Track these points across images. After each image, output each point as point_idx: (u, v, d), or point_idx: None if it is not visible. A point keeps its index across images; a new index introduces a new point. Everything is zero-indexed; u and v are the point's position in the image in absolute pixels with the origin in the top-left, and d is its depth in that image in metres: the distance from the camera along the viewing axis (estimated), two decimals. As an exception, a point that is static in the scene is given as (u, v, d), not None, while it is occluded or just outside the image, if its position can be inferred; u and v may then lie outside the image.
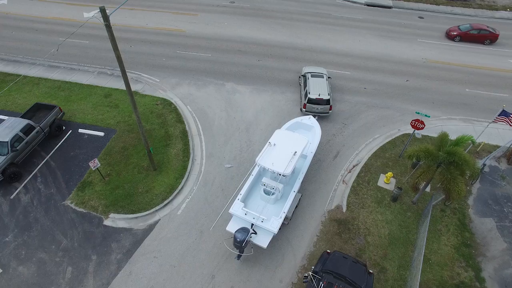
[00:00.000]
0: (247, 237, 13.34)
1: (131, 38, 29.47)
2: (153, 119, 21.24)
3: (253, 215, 14.05)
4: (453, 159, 13.11)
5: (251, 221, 14.07)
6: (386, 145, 19.98)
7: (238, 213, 14.26)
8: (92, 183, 17.60)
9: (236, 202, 14.62)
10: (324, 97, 20.49)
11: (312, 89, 20.90)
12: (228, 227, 14.48)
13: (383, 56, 27.58)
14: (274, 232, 13.88)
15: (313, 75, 22.23)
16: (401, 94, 23.84)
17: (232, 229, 14.16)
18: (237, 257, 14.32)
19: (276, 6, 34.75)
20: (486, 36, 29.45)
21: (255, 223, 14.04)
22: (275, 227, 13.83)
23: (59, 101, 22.63)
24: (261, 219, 13.89)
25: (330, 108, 20.81)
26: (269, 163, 14.45)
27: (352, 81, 24.70)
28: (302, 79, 22.92)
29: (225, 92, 23.51)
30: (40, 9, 34.28)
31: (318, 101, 20.46)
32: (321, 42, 28.96)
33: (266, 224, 13.91)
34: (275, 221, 13.95)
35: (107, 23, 12.20)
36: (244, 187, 15.29)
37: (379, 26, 31.83)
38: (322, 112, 20.89)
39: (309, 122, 18.87)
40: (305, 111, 21.02)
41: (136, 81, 24.51)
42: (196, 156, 19.23)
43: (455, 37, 29.98)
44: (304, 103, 20.82)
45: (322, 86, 21.24)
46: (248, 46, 28.31)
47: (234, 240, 13.47)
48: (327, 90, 20.97)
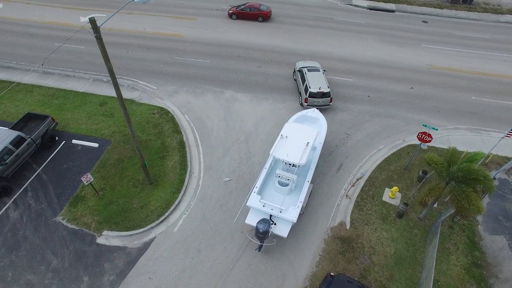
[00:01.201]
0: (269, 228, 13.63)
1: (128, 43, 28.76)
2: (149, 129, 20.52)
3: (271, 206, 14.31)
4: (467, 177, 12.37)
5: (269, 212, 14.31)
6: (391, 157, 19.24)
7: (256, 206, 14.46)
8: (85, 198, 16.88)
9: (252, 195, 14.77)
10: (325, 90, 21.05)
11: (312, 83, 21.27)
12: (247, 220, 14.61)
13: (387, 62, 26.86)
14: (293, 221, 14.16)
15: (310, 69, 22.58)
16: (406, 102, 23.11)
17: (251, 222, 14.36)
18: (258, 248, 14.62)
19: (277, 11, 34.02)
20: (257, 14, 31.58)
21: (273, 214, 14.29)
22: (293, 217, 14.16)
23: (52, 110, 21.92)
24: (279, 209, 14.15)
25: (330, 100, 21.36)
26: (284, 154, 14.90)
27: (355, 89, 23.97)
28: (298, 74, 23.12)
29: (224, 101, 22.79)
30: (36, 13, 33.58)
31: (319, 94, 20.96)
32: (323, 48, 28.24)
33: (284, 214, 14.16)
34: (293, 211, 14.30)
35: (97, 35, 11.44)
36: (258, 180, 15.46)
37: (382, 31, 31.11)
38: (323, 105, 21.37)
39: (314, 114, 19.26)
40: (306, 105, 21.37)
41: (132, 89, 23.80)
42: (194, 168, 18.50)
43: (231, 15, 32.20)
44: (305, 97, 21.23)
45: (321, 79, 21.73)
46: (248, 52, 27.60)
47: (257, 232, 13.73)
48: (326, 83, 21.49)
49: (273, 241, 14.64)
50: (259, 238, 14.00)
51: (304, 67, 23.03)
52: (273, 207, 14.26)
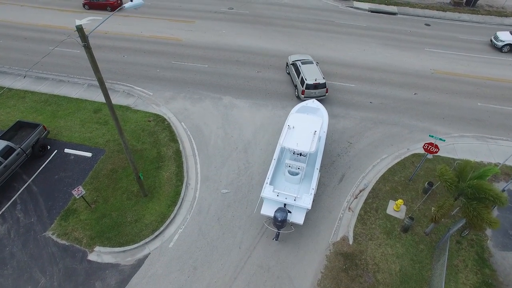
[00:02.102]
0: (287, 215, 13.99)
1: (124, 47, 28.08)
2: (144, 137, 19.82)
3: (285, 195, 14.57)
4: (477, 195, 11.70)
5: (283, 201, 14.55)
6: (395, 167, 18.56)
7: (270, 196, 14.69)
8: (77, 211, 16.18)
9: (266, 186, 15.00)
10: (321, 81, 21.56)
11: (307, 76, 21.76)
12: (262, 211, 14.83)
13: (390, 66, 26.18)
14: (308, 208, 14.47)
15: (304, 62, 23.08)
16: (409, 108, 22.43)
17: (267, 212, 14.67)
18: (276, 237, 14.92)
19: (277, 13, 33.37)
20: (106, 4, 33.00)
21: (288, 203, 14.53)
22: (308, 203, 14.46)
23: (45, 117, 21.23)
24: (293, 198, 14.44)
25: (326, 91, 21.92)
26: (294, 144, 15.17)
27: (357, 95, 23.29)
28: (292, 68, 23.51)
29: (222, 107, 22.09)
30: (30, 15, 32.92)
31: (315, 85, 21.47)
32: (324, 52, 27.56)
33: (299, 202, 14.43)
34: (307, 198, 14.60)
35: (85, 44, 10.74)
36: (269, 171, 15.73)
37: (384, 34, 30.44)
38: (320, 96, 21.87)
39: (314, 105, 19.51)
40: (304, 97, 21.72)
41: (128, 95, 23.11)
42: (190, 179, 17.80)
43: (84, 5, 33.49)
44: (302, 89, 21.67)
45: (315, 71, 22.26)
46: (247, 56, 26.91)
47: (275, 221, 14.00)
48: (321, 74, 22.02)
49: (291, 228, 15.08)
50: (278, 227, 14.28)
51: (297, 60, 23.45)
52: (287, 196, 14.56)
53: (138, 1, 11.52)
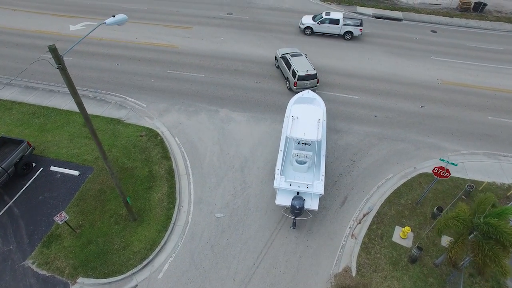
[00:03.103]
0: (304, 202, 14.33)
1: (118, 54, 27.00)
2: (135, 154, 18.74)
3: (297, 184, 14.97)
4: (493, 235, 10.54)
5: (296, 190, 14.91)
6: (401, 188, 17.41)
7: (283, 186, 14.98)
8: (61, 237, 15.11)
9: (277, 177, 15.27)
10: (312, 72, 22.02)
11: (298, 68, 22.07)
12: (277, 201, 15.07)
13: (395, 76, 25.01)
14: (321, 193, 14.93)
15: (293, 55, 23.44)
16: (416, 123, 21.27)
17: (281, 202, 14.94)
18: (293, 225, 15.42)
19: (278, 19, 32.22)
20: None
21: (300, 191, 14.90)
22: (320, 189, 14.88)
23: (32, 131, 20.18)
24: (306, 185, 14.88)
25: (317, 81, 22.44)
26: (301, 133, 15.76)
27: (361, 108, 22.13)
28: (282, 61, 23.82)
29: (219, 121, 20.98)
30: (23, 20, 31.87)
31: (307, 77, 21.88)
32: (326, 60, 26.40)
33: (312, 189, 14.84)
34: (319, 184, 15.02)
35: (60, 66, 9.64)
36: (278, 162, 15.98)
37: (389, 42, 29.26)
38: (312, 86, 22.17)
39: (310, 95, 19.75)
40: (296, 89, 21.99)
41: (120, 107, 22.03)
42: (183, 201, 16.71)
43: None
44: (294, 81, 22.04)
45: (306, 63, 22.64)
46: (245, 65, 25.78)
47: (293, 209, 14.36)
48: (311, 66, 22.41)
49: (309, 215, 15.33)
50: (296, 214, 14.64)
51: (286, 53, 23.89)
52: (300, 184, 14.95)
53: (120, 16, 10.42)
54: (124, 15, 10.61)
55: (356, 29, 28.37)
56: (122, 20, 10.44)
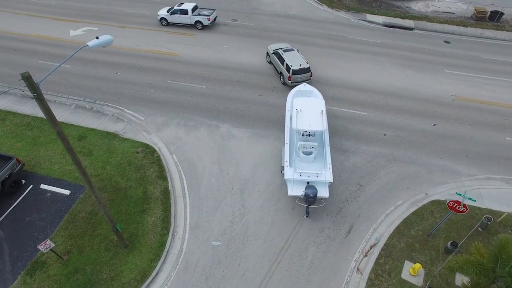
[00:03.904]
0: (317, 191, 14.76)
1: (118, 62, 26.14)
2: (130, 173, 17.80)
3: (307, 173, 15.45)
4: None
5: (307, 179, 15.40)
6: (411, 217, 16.22)
7: (293, 177, 15.39)
8: (46, 265, 14.21)
9: (287, 169, 15.72)
10: (305, 66, 22.65)
11: (292, 62, 22.64)
12: (289, 192, 15.45)
13: (406, 91, 23.75)
14: (331, 181, 15.41)
15: (285, 50, 24.00)
16: (428, 143, 20.02)
17: (293, 193, 15.33)
18: (306, 214, 15.97)
19: (283, 26, 31.12)
20: None
21: (310, 180, 15.39)
22: (329, 177, 15.40)
23: (24, 144, 19.38)
24: (315, 175, 15.39)
25: (310, 75, 23.11)
26: (307, 125, 16.18)
27: (370, 125, 20.95)
28: (275, 57, 24.32)
29: (219, 137, 19.96)
30: (24, 24, 31.24)
31: (300, 70, 22.48)
32: (334, 72, 25.25)
33: (321, 177, 15.35)
34: (327, 172, 15.51)
35: (36, 95, 8.68)
36: (285, 154, 16.47)
37: (400, 53, 27.98)
38: (305, 80, 22.72)
39: (307, 88, 20.39)
40: (291, 83, 22.68)
41: (117, 119, 21.13)
42: (178, 227, 15.72)
43: None
44: (289, 75, 22.57)
45: (298, 57, 23.22)
46: (249, 76, 24.73)
47: (307, 197, 14.80)
48: (304, 60, 23.06)
49: (322, 202, 15.70)
50: (310, 203, 15.06)
51: (278, 49, 24.37)
52: (309, 174, 15.43)
53: (104, 38, 9.43)
54: (109, 36, 9.60)
55: (205, 18, 29.68)
56: (106, 42, 9.46)
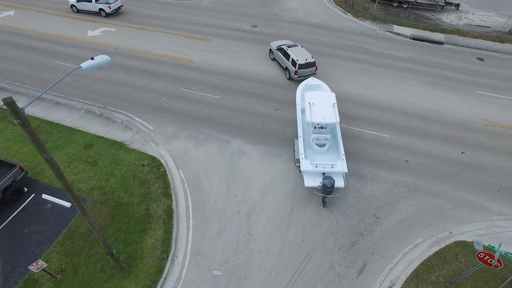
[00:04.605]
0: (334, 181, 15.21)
1: (132, 66, 25.58)
2: (134, 187, 17.06)
3: (323, 165, 15.87)
4: None
5: (322, 171, 15.82)
6: (432, 259, 14.74)
7: (309, 168, 15.86)
8: (38, 283, 13.59)
9: (303, 161, 16.15)
10: (311, 60, 23.23)
11: (298, 57, 23.22)
12: (306, 184, 15.85)
13: (432, 112, 22.08)
14: (346, 171, 15.82)
15: (289, 46, 24.60)
16: (454, 173, 18.38)
17: (310, 184, 15.77)
18: (323, 203, 16.29)
19: (305, 35, 29.84)
20: None
21: (326, 171, 15.82)
22: (344, 167, 15.84)
23: (31, 149, 18.97)
24: (331, 165, 15.81)
25: (316, 68, 23.72)
26: (320, 118, 16.57)
27: (391, 149, 19.48)
28: (279, 53, 24.84)
29: (229, 154, 18.97)
30: (44, 23, 31.24)
31: (307, 65, 23.12)
32: (355, 88, 23.82)
33: (336, 168, 15.79)
34: (342, 163, 15.97)
35: (20, 121, 7.87)
36: (299, 147, 16.82)
37: (428, 69, 26.22)
38: (311, 74, 23.54)
39: (315, 82, 20.81)
40: (297, 77, 23.35)
41: (125, 128, 20.47)
42: (179, 251, 14.82)
43: None
44: (295, 70, 23.11)
45: (303, 52, 23.83)
46: (265, 88, 23.63)
47: (325, 188, 15.23)
48: (309, 54, 23.64)
49: (339, 192, 16.27)
50: (328, 193, 15.49)
51: (282, 45, 24.97)
52: (325, 165, 15.84)
53: (100, 59, 8.57)
54: (107, 56, 8.77)
55: (106, 6, 30.97)
56: (102, 63, 8.61)
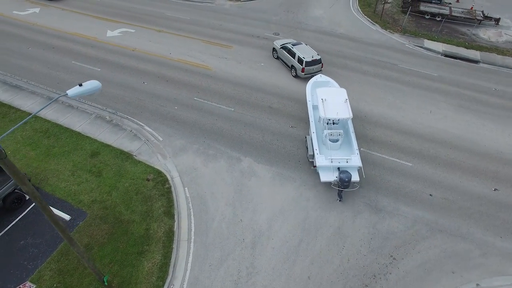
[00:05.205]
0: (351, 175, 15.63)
1: (147, 70, 24.98)
2: (136, 204, 16.27)
3: (338, 160, 16.28)
4: None
5: (337, 165, 16.24)
6: (454, 314, 13.18)
7: (325, 163, 16.27)
8: (28, 303, 13.00)
9: (318, 156, 16.53)
10: (317, 57, 23.54)
11: (304, 54, 23.50)
12: (322, 179, 16.30)
13: (462, 141, 20.24)
14: (360, 165, 16.27)
15: (294, 44, 24.84)
16: (485, 213, 16.60)
17: (326, 179, 16.22)
18: (340, 197, 16.52)
19: (329, 46, 28.40)
20: None
21: (341, 166, 16.23)
22: (359, 162, 16.31)
23: (38, 153, 18.58)
24: (345, 160, 16.24)
25: (321, 65, 23.95)
26: (334, 113, 16.72)
27: (414, 180, 17.87)
28: (284, 51, 25.01)
29: (239, 173, 17.91)
30: (66, 21, 31.30)
31: (313, 62, 23.37)
32: (378, 108, 22.25)
33: (351, 163, 16.26)
34: (356, 157, 16.41)
35: None
36: (313, 143, 17.20)
37: (460, 91, 24.25)
38: (317, 71, 23.75)
39: (324, 79, 21.19)
40: (304, 75, 23.64)
41: (134, 137, 19.79)
42: (176, 279, 13.88)
43: None
44: (302, 67, 23.38)
45: (308, 50, 24.18)
46: (282, 102, 22.43)
47: (342, 182, 15.52)
48: (315, 52, 23.99)
49: (356, 186, 16.55)
50: (345, 187, 15.71)
51: (287, 43, 25.13)
52: (340, 160, 16.27)
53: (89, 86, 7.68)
54: (97, 83, 7.89)
55: None
56: (90, 91, 7.73)
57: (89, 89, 7.69)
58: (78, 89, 7.64)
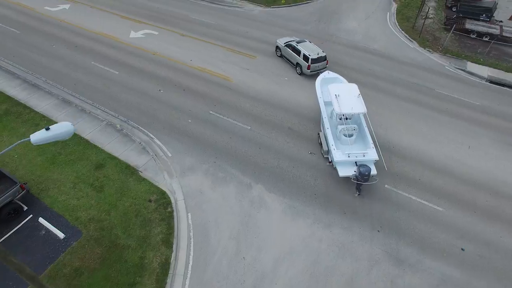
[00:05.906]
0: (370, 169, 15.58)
1: (165, 78, 24.02)
2: (134, 227, 15.18)
3: (355, 154, 16.18)
4: None
5: (354, 160, 16.17)
6: None
7: (342, 158, 16.20)
8: (8, 331, 12.18)
9: (335, 152, 16.42)
10: (322, 55, 23.49)
11: (309, 52, 23.42)
12: (340, 174, 16.22)
13: (507, 186, 17.75)
14: (377, 158, 16.24)
15: (298, 42, 24.68)
16: (527, 278, 14.25)
17: (345, 173, 16.15)
18: (359, 191, 16.52)
19: (360, 63, 26.32)
20: None
21: (358, 160, 16.14)
22: (375, 155, 16.28)
23: (43, 160, 17.97)
24: (362, 154, 16.15)
25: (326, 62, 23.94)
26: (349, 108, 16.67)
27: (444, 229, 15.71)
28: (288, 49, 24.77)
29: (248, 202, 16.44)
30: (92, 19, 31.06)
31: (319, 59, 23.34)
32: (409, 138, 20.07)
33: (367, 157, 16.18)
34: (372, 151, 16.35)
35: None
36: (329, 139, 17.17)
37: (506, 125, 21.56)
38: (322, 68, 23.76)
39: (332, 75, 21.16)
40: (310, 72, 23.62)
41: (142, 150, 18.80)
42: (165, 320, 12.66)
43: None
44: (308, 65, 23.31)
45: (313, 47, 24.13)
46: (303, 124, 20.73)
47: (362, 176, 15.43)
48: (320, 49, 23.96)
49: (374, 179, 16.41)
50: (365, 180, 15.63)
51: (291, 41, 25.03)
52: (356, 154, 16.18)
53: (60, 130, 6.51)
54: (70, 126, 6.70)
55: None
56: (59, 136, 6.54)
57: (57, 134, 6.57)
58: (44, 134, 6.53)
